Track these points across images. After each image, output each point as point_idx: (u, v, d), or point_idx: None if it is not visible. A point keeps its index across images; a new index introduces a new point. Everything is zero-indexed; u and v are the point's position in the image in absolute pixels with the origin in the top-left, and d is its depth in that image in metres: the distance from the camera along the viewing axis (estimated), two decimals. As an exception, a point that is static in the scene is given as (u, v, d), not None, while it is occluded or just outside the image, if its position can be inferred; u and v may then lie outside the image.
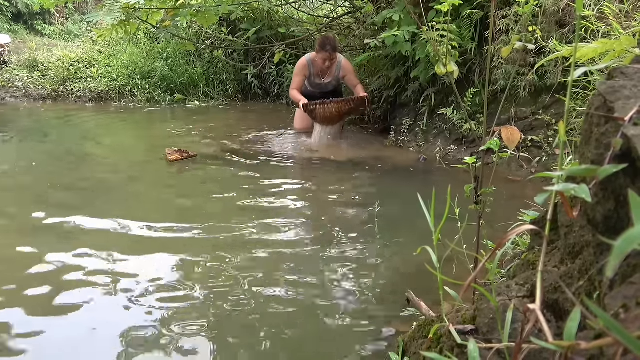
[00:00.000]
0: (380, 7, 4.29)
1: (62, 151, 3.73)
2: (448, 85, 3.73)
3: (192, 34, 6.36)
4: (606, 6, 2.49)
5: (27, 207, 2.51)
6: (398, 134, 4.09)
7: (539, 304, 0.62)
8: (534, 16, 3.08)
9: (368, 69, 4.69)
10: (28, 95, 6.26)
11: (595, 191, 0.70)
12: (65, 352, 1.41)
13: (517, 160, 3.15)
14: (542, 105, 3.22)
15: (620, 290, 0.56)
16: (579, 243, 0.81)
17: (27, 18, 10.37)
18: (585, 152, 0.75)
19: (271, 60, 5.56)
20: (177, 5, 4.19)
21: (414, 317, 1.48)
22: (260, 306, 1.64)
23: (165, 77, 6.18)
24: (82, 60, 6.74)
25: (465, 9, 3.31)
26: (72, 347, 1.43)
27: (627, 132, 0.63)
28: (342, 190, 2.88)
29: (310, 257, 2.00)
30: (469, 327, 0.90)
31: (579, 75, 0.71)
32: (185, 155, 3.44)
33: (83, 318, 1.57)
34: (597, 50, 1.28)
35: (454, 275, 1.74)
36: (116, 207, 2.53)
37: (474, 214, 1.38)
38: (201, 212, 2.51)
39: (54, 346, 1.43)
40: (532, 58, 3.15)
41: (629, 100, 0.70)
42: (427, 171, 3.38)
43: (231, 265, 1.90)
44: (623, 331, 0.40)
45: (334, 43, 4.08)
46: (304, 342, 1.47)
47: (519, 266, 1.12)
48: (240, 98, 6.32)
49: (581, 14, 0.70)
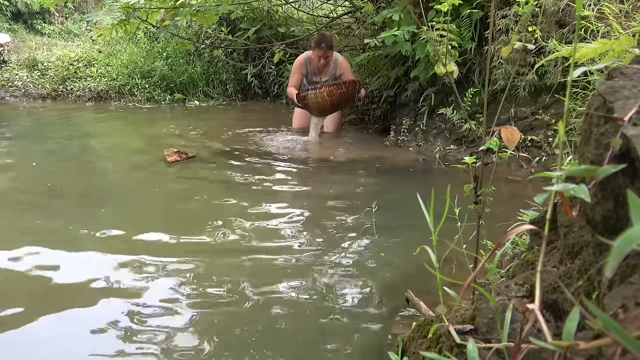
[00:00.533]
0: (380, 6, 4.29)
1: (62, 151, 3.73)
2: (448, 85, 3.73)
3: (191, 33, 6.36)
4: (606, 6, 2.49)
5: (26, 207, 2.51)
6: (398, 134, 4.09)
7: (538, 304, 0.62)
8: (533, 16, 3.08)
9: (368, 69, 4.69)
10: (27, 94, 6.26)
11: (594, 191, 0.70)
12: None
13: (516, 160, 3.15)
14: (542, 105, 3.22)
15: (619, 291, 0.56)
16: (578, 243, 0.81)
17: (26, 17, 10.36)
18: (585, 152, 0.75)
19: (271, 59, 5.57)
20: (177, 4, 4.19)
21: (414, 317, 1.48)
22: (258, 306, 1.64)
23: (165, 77, 6.18)
24: (81, 59, 6.74)
25: (465, 9, 3.31)
26: (71, 352, 1.43)
27: (627, 132, 0.63)
28: (340, 190, 2.88)
29: (309, 257, 2.00)
30: (468, 327, 0.90)
31: (578, 75, 0.71)
32: (184, 156, 3.42)
33: (77, 320, 1.57)
34: (597, 51, 1.28)
35: (453, 275, 1.74)
36: (114, 209, 2.54)
37: (473, 214, 1.38)
38: (200, 213, 2.51)
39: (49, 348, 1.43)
40: (531, 58, 3.16)
41: (628, 101, 0.70)
42: (426, 171, 3.38)
43: (229, 267, 1.90)
44: (622, 331, 0.40)
45: (329, 41, 4.10)
46: (302, 342, 1.47)
47: (518, 266, 1.12)
48: (240, 98, 6.32)
49: (581, 14, 0.70)
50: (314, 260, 1.96)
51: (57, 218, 2.34)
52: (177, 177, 3.10)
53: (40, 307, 1.60)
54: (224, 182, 3.00)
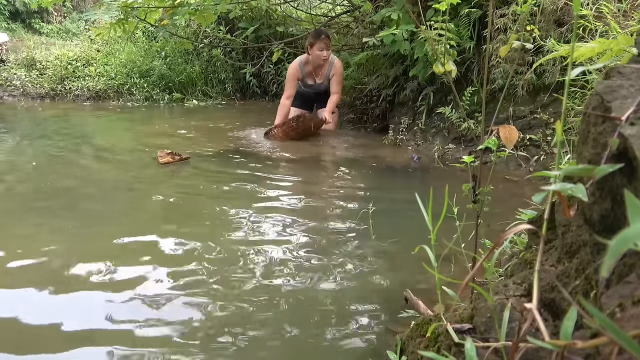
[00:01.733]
0: (378, 5, 4.29)
1: (61, 151, 3.72)
2: (446, 84, 3.73)
3: (190, 32, 6.35)
4: (604, 5, 2.49)
5: (26, 208, 2.51)
6: (396, 133, 4.10)
7: (536, 303, 0.62)
8: (532, 15, 3.08)
9: (367, 68, 4.69)
10: (26, 94, 6.25)
11: (592, 190, 0.70)
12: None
13: (515, 159, 3.16)
14: (540, 104, 3.22)
15: (617, 290, 0.56)
16: (576, 242, 0.82)
17: (24, 16, 10.34)
18: (583, 152, 0.75)
19: (269, 59, 5.56)
20: (175, 4, 4.19)
21: (412, 317, 1.48)
22: (255, 305, 1.64)
23: (164, 76, 6.17)
24: (80, 58, 6.73)
25: (463, 8, 3.31)
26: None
27: (624, 131, 0.63)
28: (339, 190, 2.88)
29: (306, 257, 2.00)
30: (466, 326, 0.91)
31: (576, 74, 0.72)
32: (177, 157, 3.35)
33: (76, 319, 1.57)
34: (595, 50, 1.28)
35: (452, 274, 1.74)
36: (110, 212, 2.51)
37: (472, 213, 1.38)
38: (195, 215, 2.50)
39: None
40: (530, 57, 3.16)
41: (626, 100, 0.70)
42: (425, 170, 3.38)
43: (225, 270, 1.89)
44: (618, 330, 0.41)
45: (327, 32, 4.10)
46: (301, 342, 1.47)
47: (516, 265, 1.13)
48: (239, 97, 6.32)
49: (579, 13, 0.70)
50: (311, 260, 1.96)
51: (52, 219, 2.34)
52: (170, 179, 3.07)
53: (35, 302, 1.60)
54: (219, 183, 2.98)
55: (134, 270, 1.86)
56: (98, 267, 1.87)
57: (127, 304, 1.64)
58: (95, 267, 1.87)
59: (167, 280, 1.79)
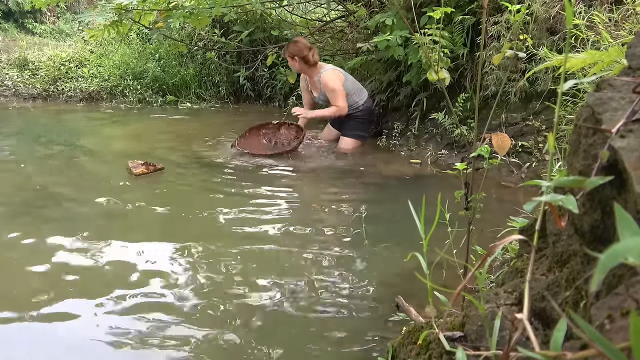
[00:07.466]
0: (373, 11, 4.31)
1: (51, 153, 3.69)
2: (440, 90, 3.74)
3: (184, 35, 6.33)
4: (596, 15, 2.52)
5: (14, 212, 2.49)
6: (390, 138, 4.11)
7: (527, 313, 0.63)
8: (525, 23, 3.11)
9: (360, 73, 4.70)
10: (18, 94, 6.20)
11: (582, 201, 0.70)
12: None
13: (507, 165, 3.18)
14: (533, 112, 3.25)
15: (606, 301, 0.56)
16: (566, 252, 0.82)
17: (17, 16, 10.29)
18: (574, 162, 0.76)
19: (264, 62, 5.56)
20: (170, 6, 4.18)
21: (404, 323, 1.49)
22: (247, 311, 1.63)
23: (157, 78, 6.14)
24: (73, 59, 6.68)
25: (457, 15, 3.33)
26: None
27: (614, 144, 0.64)
28: (331, 195, 2.88)
29: (298, 264, 1.99)
30: (457, 334, 0.91)
31: (568, 87, 0.72)
32: (152, 168, 3.14)
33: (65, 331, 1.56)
34: (586, 61, 1.29)
35: (443, 280, 1.75)
36: (84, 218, 2.48)
37: (464, 219, 1.39)
38: (181, 225, 2.49)
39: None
40: (523, 64, 3.18)
41: (616, 112, 0.71)
42: (417, 176, 3.39)
43: (215, 279, 1.87)
44: (606, 343, 0.41)
45: (288, 47, 3.89)
46: (291, 348, 1.47)
47: (508, 273, 1.13)
48: (233, 100, 6.30)
49: (571, 25, 0.71)
50: (301, 267, 1.96)
51: (39, 225, 2.32)
52: (153, 188, 2.96)
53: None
54: (200, 193, 2.88)
55: (116, 278, 1.85)
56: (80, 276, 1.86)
57: (110, 312, 1.63)
58: (75, 268, 1.86)
59: (156, 289, 1.78)
